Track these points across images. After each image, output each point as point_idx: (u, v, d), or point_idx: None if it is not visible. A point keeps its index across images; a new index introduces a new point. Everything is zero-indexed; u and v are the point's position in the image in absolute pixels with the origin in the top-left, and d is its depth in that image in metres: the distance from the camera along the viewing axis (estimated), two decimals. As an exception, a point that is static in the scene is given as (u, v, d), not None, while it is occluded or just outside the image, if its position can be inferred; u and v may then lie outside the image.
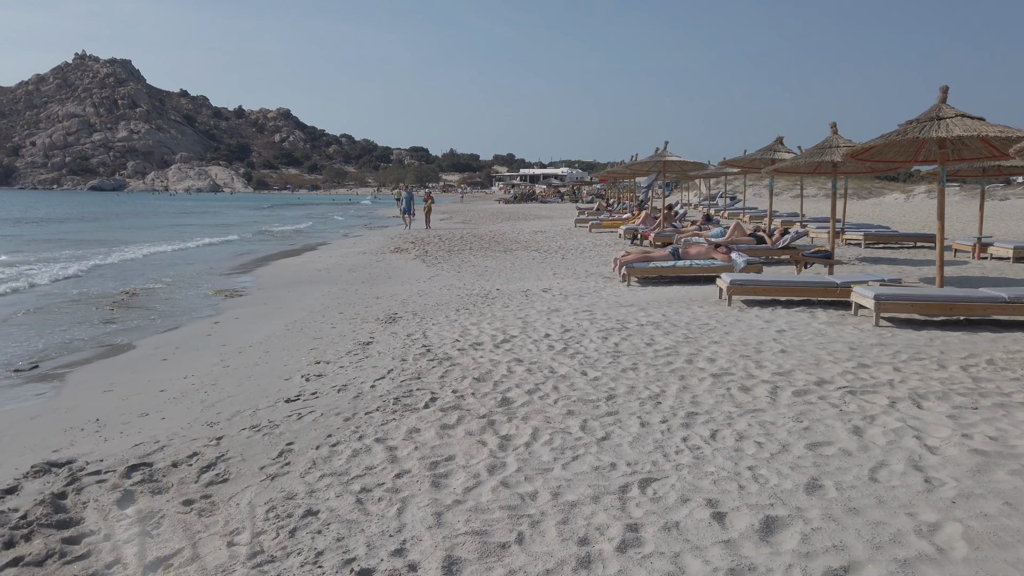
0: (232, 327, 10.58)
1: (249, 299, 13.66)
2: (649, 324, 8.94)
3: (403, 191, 35.35)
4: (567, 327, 8.82)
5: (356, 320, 10.18)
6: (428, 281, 14.50)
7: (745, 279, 10.42)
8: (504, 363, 7.01)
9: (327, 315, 10.91)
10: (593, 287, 12.69)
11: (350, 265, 18.18)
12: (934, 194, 42.34)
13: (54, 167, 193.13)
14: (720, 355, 7.23)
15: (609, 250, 19.57)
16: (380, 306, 11.47)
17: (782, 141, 16.86)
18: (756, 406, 5.57)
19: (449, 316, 10.00)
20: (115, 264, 20.56)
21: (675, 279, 13.26)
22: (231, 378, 7.22)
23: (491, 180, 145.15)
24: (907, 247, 19.51)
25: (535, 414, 5.48)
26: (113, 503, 4.29)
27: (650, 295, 11.62)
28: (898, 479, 4.16)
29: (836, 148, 12.95)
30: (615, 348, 7.61)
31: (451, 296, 12.15)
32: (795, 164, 13.02)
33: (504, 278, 14.44)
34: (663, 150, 21.13)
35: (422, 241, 23.64)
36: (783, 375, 6.43)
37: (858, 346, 7.60)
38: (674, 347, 7.61)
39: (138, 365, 8.35)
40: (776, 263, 15.43)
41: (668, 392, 5.96)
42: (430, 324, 9.39)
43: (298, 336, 9.31)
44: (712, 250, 13.26)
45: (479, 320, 9.54)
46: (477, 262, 17.53)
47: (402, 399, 5.94)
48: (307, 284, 15.25)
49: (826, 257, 13.33)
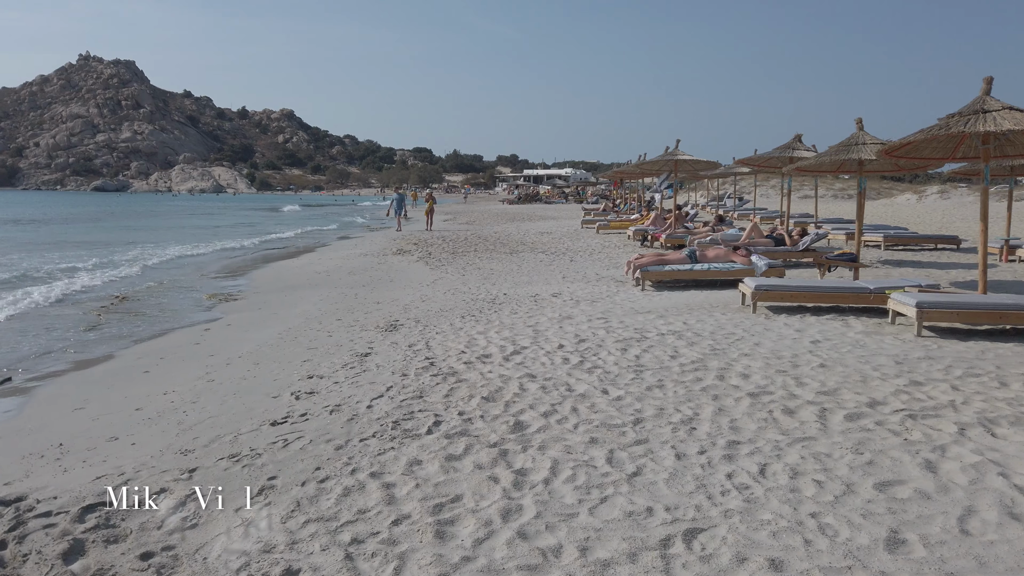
0: (223, 335, 9.92)
1: (244, 303, 13.00)
2: (670, 333, 8.26)
3: (394, 191, 34.44)
4: (582, 337, 8.14)
5: (355, 328, 9.51)
6: (431, 285, 13.83)
7: (771, 284, 9.73)
8: (515, 379, 6.33)
9: (324, 322, 10.25)
10: (606, 291, 12.01)
11: (351, 268, 17.52)
12: (947, 195, 41.61)
13: (57, 168, 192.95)
14: (754, 370, 6.54)
15: (619, 252, 18.89)
16: (381, 312, 10.80)
17: (800, 139, 16.17)
18: (805, 432, 4.89)
19: (454, 324, 9.33)
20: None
21: (691, 283, 12.57)
22: (214, 395, 6.55)
23: (495, 181, 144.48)
24: (927, 249, 18.80)
25: (553, 442, 4.80)
26: (58, 556, 3.62)
27: (667, 300, 10.94)
28: (994, 531, 3.48)
29: (863, 145, 12.25)
30: (636, 361, 6.92)
31: (456, 301, 11.48)
32: (819, 162, 12.33)
33: (511, 282, 13.77)
34: (674, 148, 20.46)
35: (425, 243, 22.98)
36: (829, 395, 5.74)
37: (904, 359, 6.91)
38: (701, 360, 6.92)
39: (117, 378, 7.69)
40: (795, 266, 14.73)
41: (702, 415, 5.28)
42: (433, 333, 8.72)
43: (291, 346, 8.64)
44: (731, 253, 12.57)
45: (486, 328, 8.86)
46: (482, 265, 16.86)
47: (402, 423, 5.26)
48: (305, 288, 14.59)
49: (851, 260, 12.62)
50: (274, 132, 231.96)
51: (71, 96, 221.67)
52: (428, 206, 32.44)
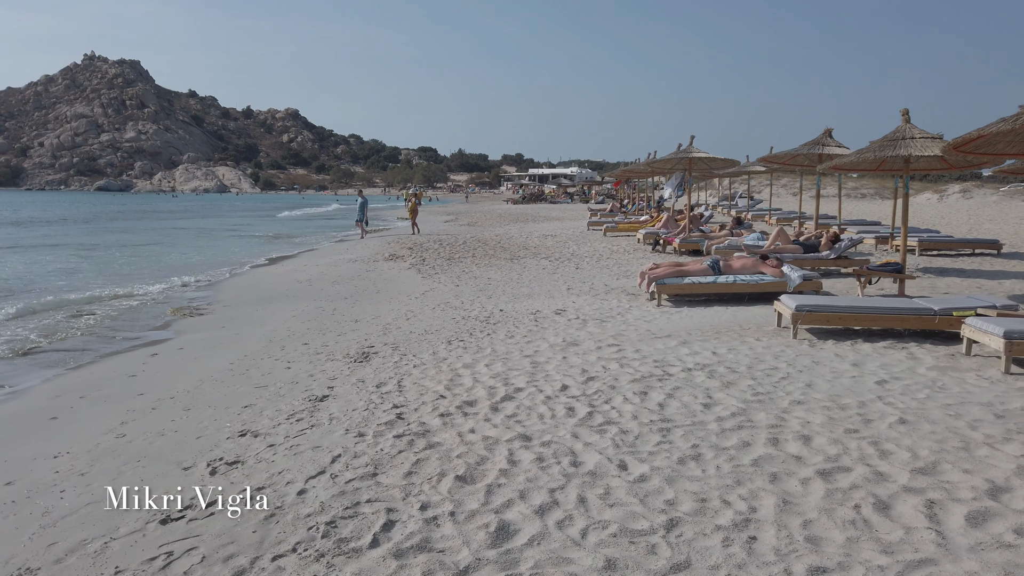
0: (167, 364, 8.44)
1: (208, 320, 11.53)
2: (698, 368, 6.74)
3: (357, 195, 29.70)
4: (590, 372, 6.63)
5: (320, 357, 8.02)
6: (420, 297, 12.33)
7: (815, 303, 8.18)
8: (504, 444, 4.82)
9: (288, 346, 8.77)
10: (616, 307, 10.49)
11: (336, 276, 16.03)
12: (970, 194, 39.86)
13: (61, 168, 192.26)
14: (815, 428, 5.02)
15: (628, 257, 17.35)
16: (356, 334, 9.31)
17: (831, 134, 14.61)
18: (918, 549, 3.36)
19: (437, 352, 7.82)
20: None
21: (713, 297, 11.04)
22: (113, 462, 5.06)
23: (499, 180, 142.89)
24: (964, 254, 17.22)
25: (550, 566, 3.29)
26: None
27: (688, 319, 9.41)
28: None
29: (911, 140, 10.69)
30: (660, 413, 5.41)
31: (444, 320, 9.98)
32: (861, 158, 10.77)
33: (509, 294, 12.26)
34: (688, 146, 18.89)
35: (420, 247, 21.46)
36: (927, 474, 4.22)
37: (1004, 411, 5.37)
38: (744, 412, 5.40)
39: (12, 428, 6.21)
40: (824, 276, 13.16)
41: (761, 512, 3.76)
42: (411, 366, 7.21)
43: (239, 381, 7.16)
44: (759, 263, 11.02)
45: (475, 359, 7.35)
46: (479, 273, 15.35)
47: (339, 525, 3.75)
48: (281, 300, 13.11)
49: (896, 271, 11.05)
50: (279, 132, 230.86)
51: (76, 96, 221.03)
52: (411, 206, 29.41)
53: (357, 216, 28.01)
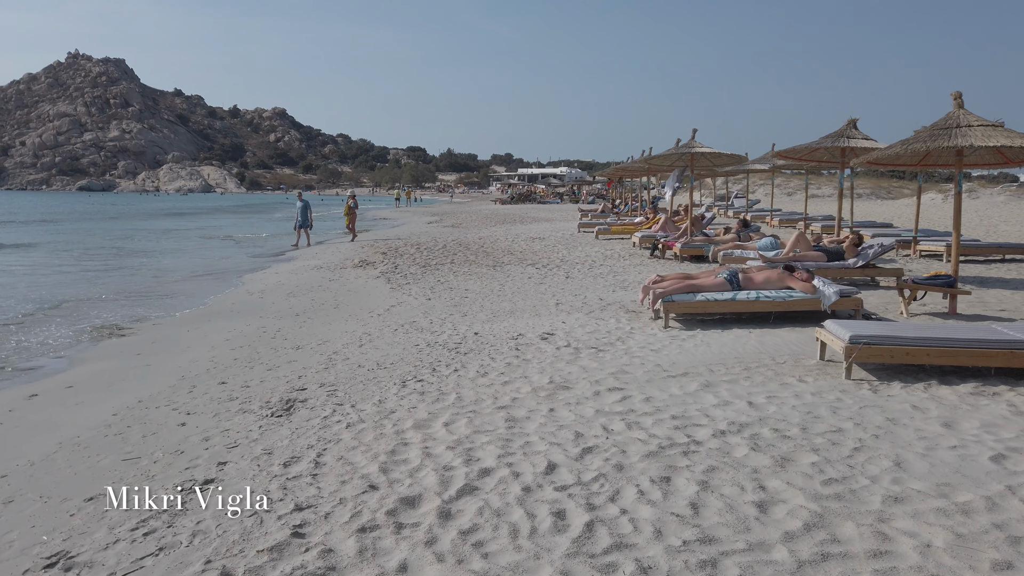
0: (37, 414, 6.51)
1: (126, 343, 9.61)
2: (734, 429, 4.90)
3: (297, 198, 24.50)
4: (586, 439, 4.78)
5: (232, 406, 6.13)
6: (384, 315, 10.46)
7: (874, 333, 6.34)
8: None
9: (200, 387, 6.88)
10: (615, 329, 8.64)
11: (293, 286, 14.10)
12: (976, 194, 38.21)
13: (43, 167, 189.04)
14: (942, 560, 3.18)
15: (624, 264, 15.51)
16: (291, 369, 7.42)
17: (855, 124, 12.82)
18: None
19: (384, 400, 5.94)
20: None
21: (730, 315, 9.21)
22: None
23: (488, 180, 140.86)
24: (995, 260, 15.51)
25: None
26: None
27: (705, 348, 7.58)
28: None
29: (967, 128, 8.92)
30: (696, 524, 3.55)
31: (405, 347, 8.11)
32: (908, 150, 8.96)
33: (488, 311, 10.40)
34: (690, 140, 17.08)
35: (395, 252, 19.53)
36: None
37: None
38: (820, 521, 3.56)
39: None
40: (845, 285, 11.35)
41: None
42: (343, 426, 5.32)
43: (108, 448, 5.26)
44: (786, 275, 9.18)
45: (432, 413, 5.49)
46: (456, 283, 13.47)
47: None
48: (222, 317, 11.20)
49: (948, 285, 9.27)
50: (266, 131, 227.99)
51: (59, 95, 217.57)
52: (346, 208, 25.54)
53: (298, 221, 23.71)
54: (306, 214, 23.50)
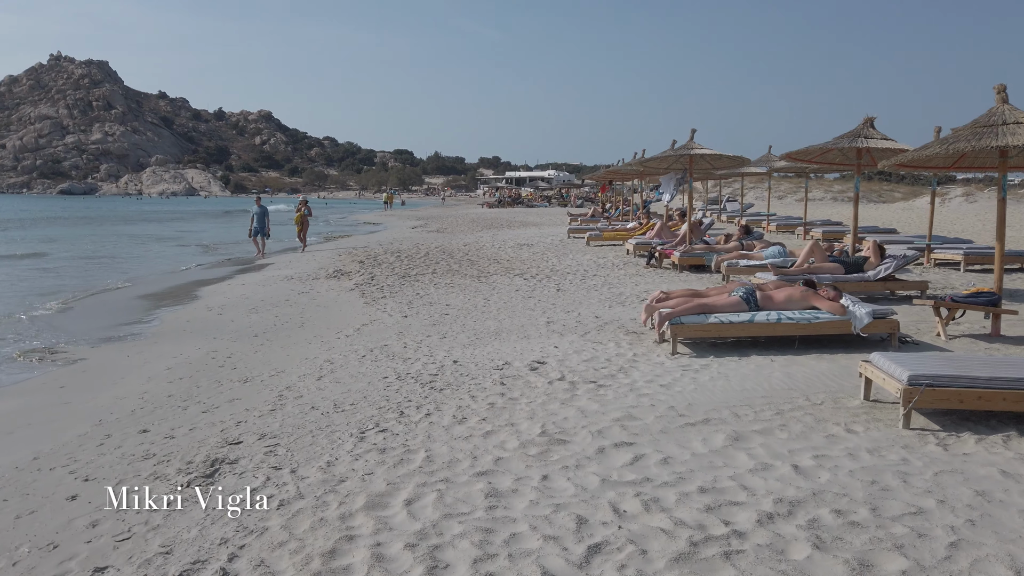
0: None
1: (51, 373, 8.34)
2: (782, 510, 3.73)
3: (256, 204, 22.84)
4: (591, 526, 3.60)
5: (145, 468, 4.90)
6: (353, 336, 9.25)
7: (938, 374, 5.17)
8: None
9: (114, 437, 5.65)
10: (615, 355, 7.47)
11: (258, 300, 12.83)
12: (973, 198, 37.38)
13: (24, 170, 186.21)
14: None
15: (619, 274, 14.35)
16: (231, 410, 6.20)
17: (873, 123, 11.73)
18: None
19: (333, 463, 4.72)
20: None
21: (746, 340, 8.04)
22: None
23: (476, 183, 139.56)
24: (1013, 269, 14.48)
25: None
26: None
27: (723, 381, 6.42)
28: None
29: (1015, 126, 7.82)
30: None
31: (371, 379, 6.90)
32: (950, 149, 7.84)
33: (471, 331, 9.20)
34: (688, 141, 15.94)
35: (373, 260, 18.26)
36: None
37: None
38: None
39: None
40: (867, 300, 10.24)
41: None
42: (273, 504, 4.10)
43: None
44: (810, 293, 8.02)
45: (391, 484, 4.28)
46: (437, 296, 12.26)
47: None
48: (171, 337, 9.97)
49: (991, 303, 8.17)
50: (251, 134, 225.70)
51: (40, 97, 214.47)
52: (297, 216, 22.87)
53: (254, 228, 21.93)
54: (263, 221, 21.87)
